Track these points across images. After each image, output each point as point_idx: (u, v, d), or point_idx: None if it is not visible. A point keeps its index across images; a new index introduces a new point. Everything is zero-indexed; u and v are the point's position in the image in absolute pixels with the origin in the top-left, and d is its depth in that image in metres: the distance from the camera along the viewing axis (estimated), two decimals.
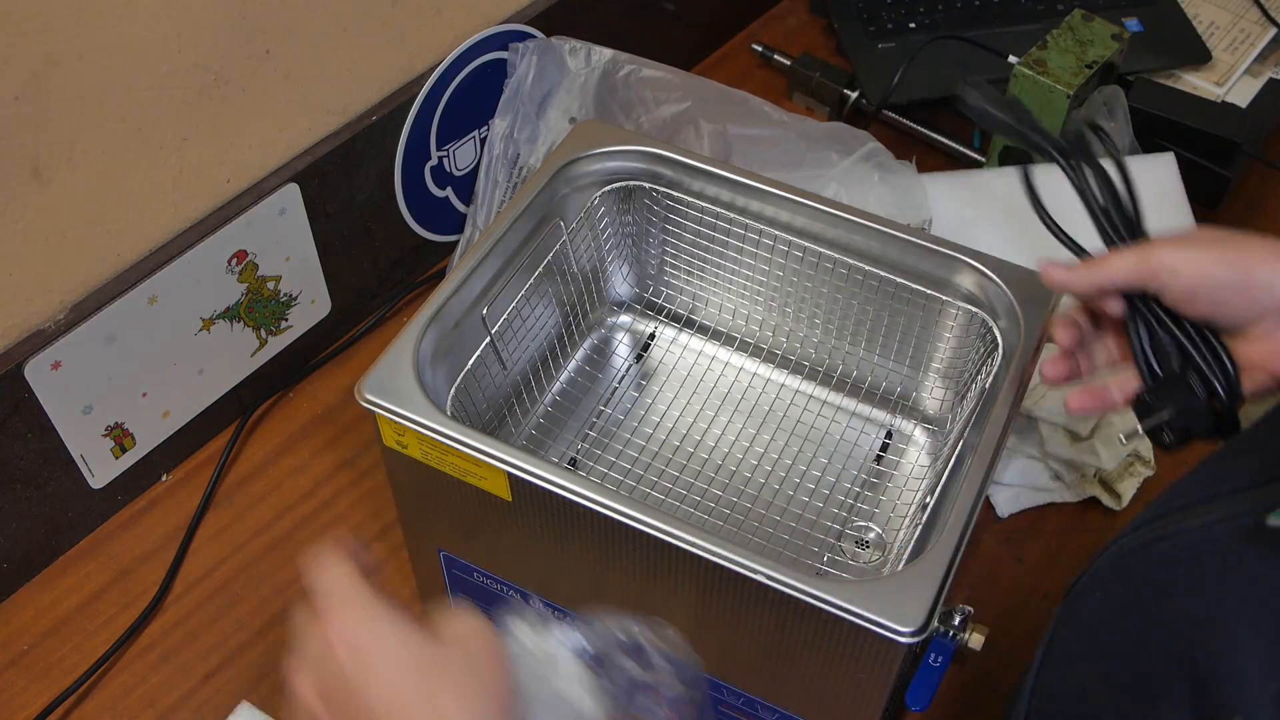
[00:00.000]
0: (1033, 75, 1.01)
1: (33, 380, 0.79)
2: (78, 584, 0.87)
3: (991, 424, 0.71)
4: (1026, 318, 0.74)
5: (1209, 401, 0.63)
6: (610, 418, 0.88)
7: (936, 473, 0.83)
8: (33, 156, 0.73)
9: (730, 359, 0.92)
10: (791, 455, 0.87)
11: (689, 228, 0.86)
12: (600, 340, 0.93)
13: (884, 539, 0.83)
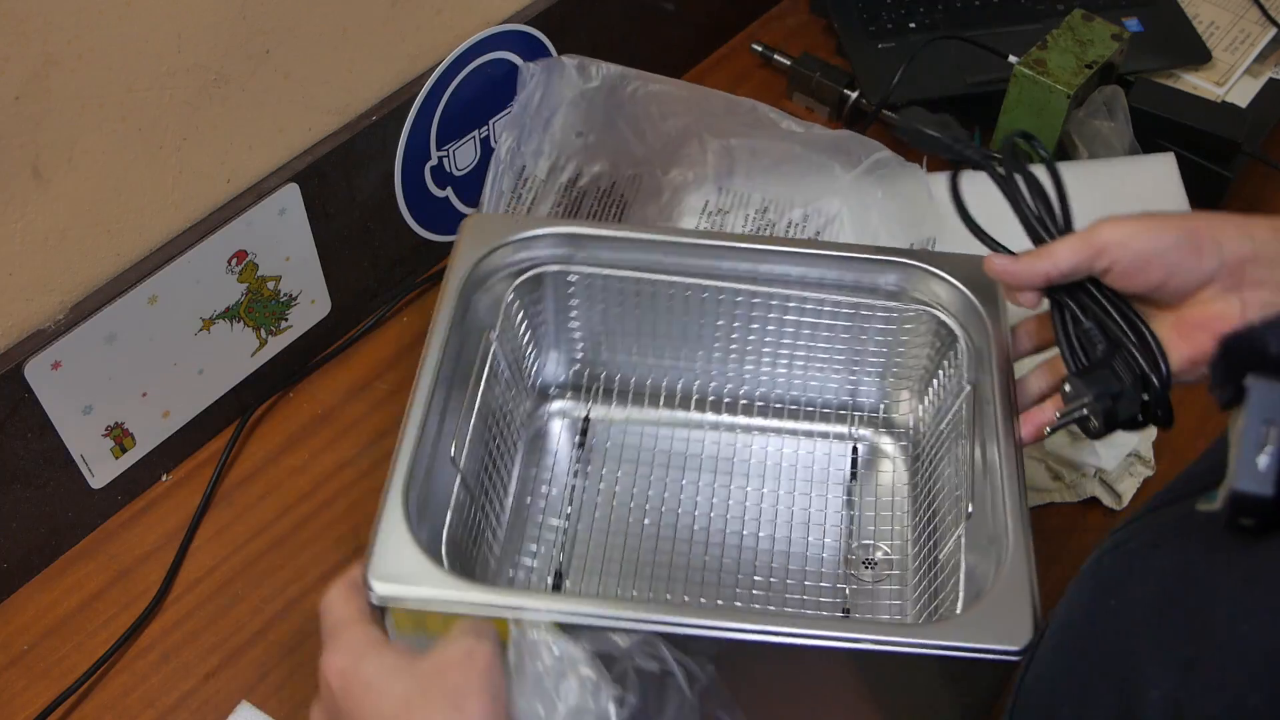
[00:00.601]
0: (1033, 75, 1.01)
1: (33, 380, 0.79)
2: (78, 584, 0.87)
3: (1000, 419, 0.70)
4: (983, 302, 0.74)
5: (1136, 387, 0.64)
6: (577, 514, 0.86)
7: (921, 476, 0.83)
8: (33, 156, 0.73)
9: (676, 417, 0.90)
10: (767, 497, 0.86)
11: (605, 298, 0.84)
12: (538, 434, 0.90)
13: (890, 554, 0.83)
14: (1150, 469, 0.93)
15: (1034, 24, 1.17)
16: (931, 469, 0.81)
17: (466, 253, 0.79)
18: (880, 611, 0.81)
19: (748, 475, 0.87)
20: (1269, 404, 0.45)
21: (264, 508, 0.92)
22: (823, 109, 1.19)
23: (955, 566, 0.71)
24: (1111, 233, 0.62)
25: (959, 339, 0.77)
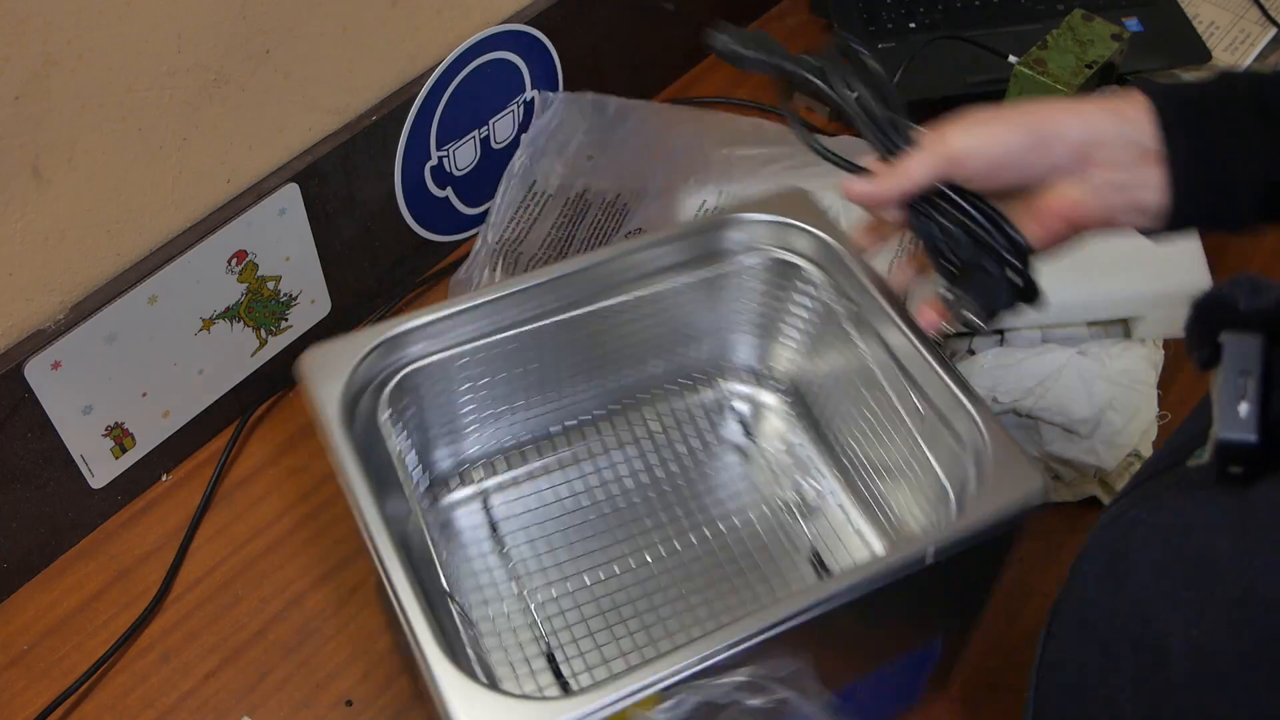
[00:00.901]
0: (1033, 75, 1.01)
1: (33, 380, 0.79)
2: (78, 584, 0.87)
3: (895, 317, 0.72)
4: (829, 232, 0.76)
5: (1004, 273, 0.66)
6: (522, 587, 0.83)
7: (823, 414, 0.84)
8: (33, 156, 0.73)
9: (576, 453, 0.88)
10: (693, 497, 0.86)
11: (459, 375, 0.81)
12: (446, 526, 0.86)
13: (821, 491, 0.84)
14: None
15: (1034, 24, 1.17)
16: (830, 404, 0.83)
17: (325, 393, 0.72)
18: (849, 542, 0.83)
19: (667, 480, 0.87)
20: (1243, 356, 0.48)
21: (264, 508, 0.92)
22: (823, 109, 1.19)
23: (919, 472, 0.74)
24: (962, 142, 0.64)
25: (804, 270, 0.78)
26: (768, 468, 0.88)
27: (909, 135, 0.68)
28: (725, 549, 0.83)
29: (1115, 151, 0.61)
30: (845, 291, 0.78)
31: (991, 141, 0.63)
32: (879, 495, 0.82)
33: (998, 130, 0.63)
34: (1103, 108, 0.61)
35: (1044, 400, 0.91)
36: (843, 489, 0.85)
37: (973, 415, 0.71)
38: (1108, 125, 0.61)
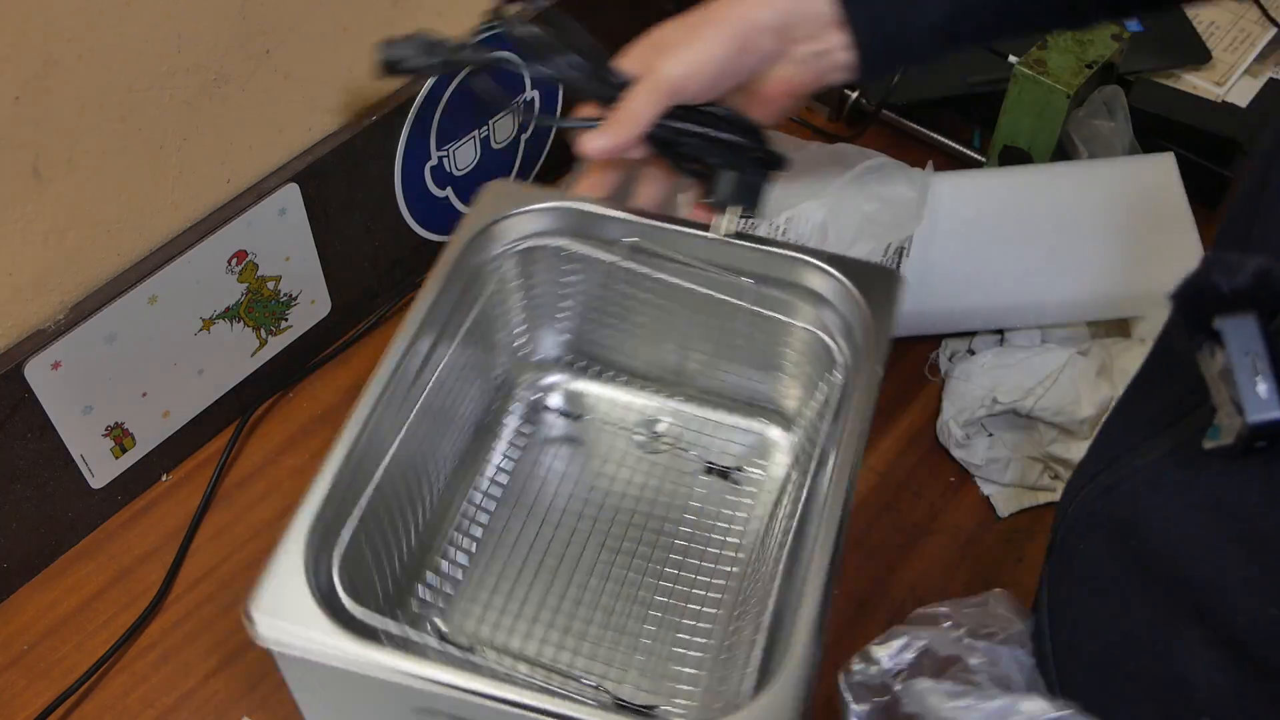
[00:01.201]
0: (1033, 75, 1.01)
1: (33, 380, 0.79)
2: (78, 584, 0.87)
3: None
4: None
5: (750, 155, 0.73)
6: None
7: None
8: (33, 156, 0.73)
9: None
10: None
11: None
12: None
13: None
14: None
15: None
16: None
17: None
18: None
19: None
20: (1244, 336, 0.49)
21: (264, 508, 0.92)
22: (823, 109, 1.19)
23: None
24: (677, 70, 0.68)
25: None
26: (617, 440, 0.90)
27: (619, 75, 0.71)
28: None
29: (806, 26, 0.68)
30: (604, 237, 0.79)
31: (704, 61, 0.68)
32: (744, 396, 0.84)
33: (705, 48, 0.67)
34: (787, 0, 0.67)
35: (1044, 400, 0.91)
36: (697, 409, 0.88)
37: (820, 267, 0.74)
38: (794, 6, 0.67)
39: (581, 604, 0.82)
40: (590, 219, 0.80)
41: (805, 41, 0.69)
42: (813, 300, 0.79)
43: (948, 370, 0.98)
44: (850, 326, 0.77)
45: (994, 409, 0.93)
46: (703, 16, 0.68)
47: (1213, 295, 0.50)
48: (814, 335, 0.79)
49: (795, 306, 0.79)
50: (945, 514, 0.92)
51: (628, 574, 0.84)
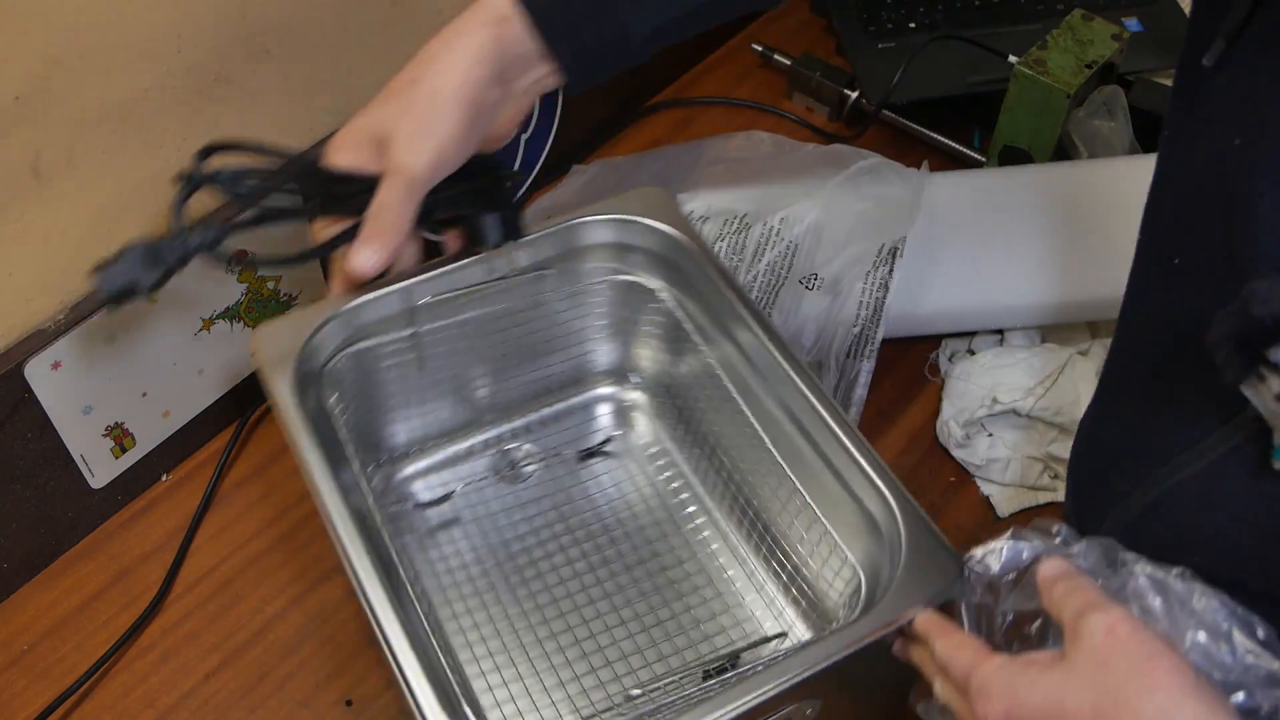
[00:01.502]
0: (1033, 75, 1.01)
1: (33, 380, 0.79)
2: (78, 584, 0.87)
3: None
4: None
5: (499, 190, 0.74)
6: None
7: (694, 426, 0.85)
8: (33, 156, 0.73)
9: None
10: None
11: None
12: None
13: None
14: None
15: (1034, 24, 1.17)
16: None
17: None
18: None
19: (692, 560, 0.85)
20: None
21: (264, 508, 0.92)
22: (822, 109, 1.19)
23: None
24: (422, 161, 0.66)
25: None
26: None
27: (349, 176, 0.68)
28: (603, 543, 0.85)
29: (516, 66, 0.68)
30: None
31: (446, 144, 0.66)
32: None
33: (444, 130, 0.66)
34: (490, 39, 0.66)
35: (1044, 400, 0.91)
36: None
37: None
38: (500, 53, 0.66)
39: (580, 631, 0.81)
40: (370, 308, 0.75)
41: (519, 79, 0.69)
42: (611, 254, 0.80)
43: (948, 370, 0.98)
44: (660, 256, 0.78)
45: (994, 409, 0.93)
46: (423, 93, 0.66)
47: (1263, 331, 0.48)
48: (628, 281, 0.80)
49: (596, 269, 0.80)
50: (945, 514, 0.92)
51: (603, 586, 0.83)
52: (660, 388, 0.90)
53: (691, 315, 0.81)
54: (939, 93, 1.13)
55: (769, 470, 0.79)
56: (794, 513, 0.78)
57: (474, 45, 0.66)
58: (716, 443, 0.85)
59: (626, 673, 0.79)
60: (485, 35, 0.66)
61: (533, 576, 0.83)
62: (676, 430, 0.90)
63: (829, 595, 0.76)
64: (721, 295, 0.78)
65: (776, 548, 0.82)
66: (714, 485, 0.87)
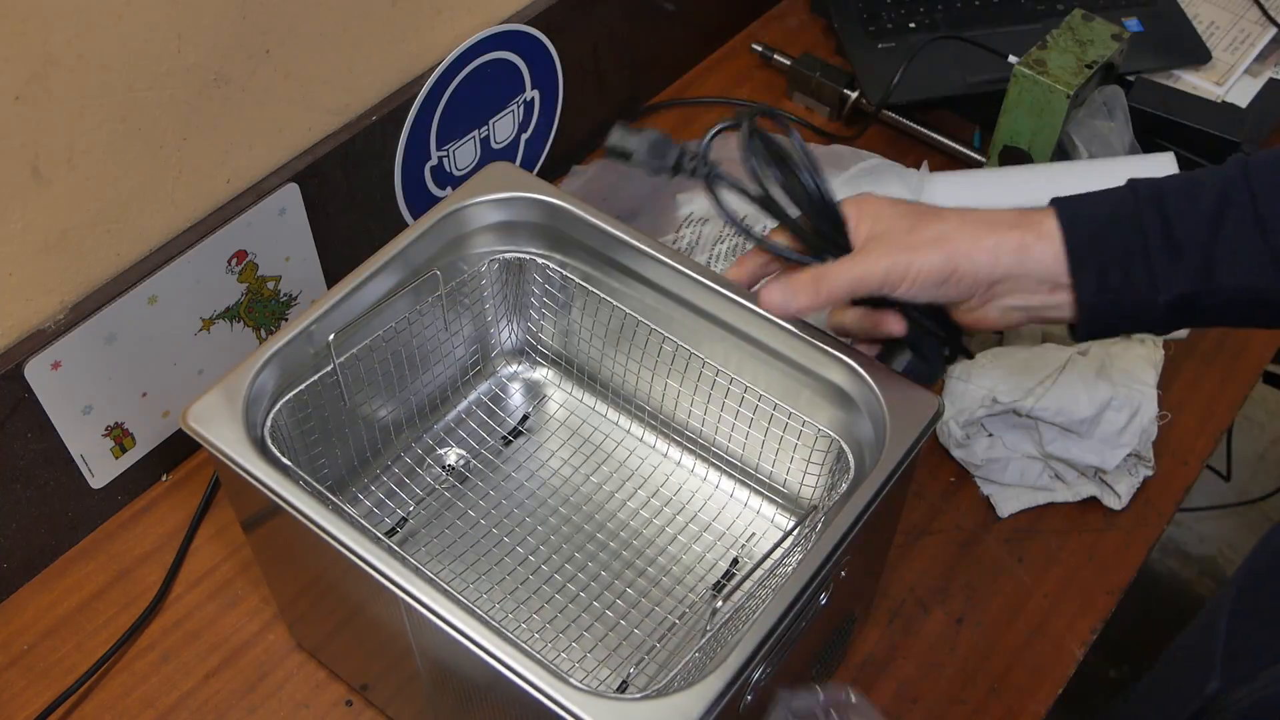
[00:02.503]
0: (1033, 75, 1.01)
1: (33, 380, 0.79)
2: (78, 584, 0.87)
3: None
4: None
5: (932, 338, 0.73)
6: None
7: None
8: (33, 156, 0.73)
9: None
10: (662, 522, 0.86)
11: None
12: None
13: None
14: (1150, 469, 0.93)
15: (1034, 24, 1.17)
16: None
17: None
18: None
19: (656, 505, 0.87)
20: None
21: None
22: (822, 109, 1.19)
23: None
24: (880, 270, 0.66)
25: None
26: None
27: (837, 233, 0.69)
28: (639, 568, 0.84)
29: (1022, 283, 0.65)
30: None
31: (903, 282, 0.66)
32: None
33: (912, 274, 0.65)
34: (1013, 245, 0.65)
35: (1044, 400, 0.91)
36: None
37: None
38: (1015, 263, 0.65)
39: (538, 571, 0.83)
40: (284, 357, 0.74)
41: (1016, 295, 0.66)
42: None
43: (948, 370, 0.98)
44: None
45: (994, 409, 0.92)
46: (933, 234, 0.66)
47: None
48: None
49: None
50: (945, 514, 0.92)
51: (585, 551, 0.84)
52: (561, 353, 0.91)
53: (579, 270, 0.83)
54: (939, 93, 1.13)
55: (708, 387, 0.82)
56: (749, 416, 0.81)
57: (996, 239, 0.65)
58: (635, 387, 0.88)
59: (639, 621, 0.81)
60: (1012, 240, 0.65)
61: (513, 567, 0.83)
62: (593, 388, 0.91)
63: (808, 479, 0.82)
64: (606, 238, 0.79)
65: (735, 459, 0.86)
66: (648, 425, 0.90)
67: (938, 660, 0.85)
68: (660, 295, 0.80)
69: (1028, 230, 0.65)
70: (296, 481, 0.67)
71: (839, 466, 0.76)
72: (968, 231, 0.66)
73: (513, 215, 0.82)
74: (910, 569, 0.89)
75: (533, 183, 0.81)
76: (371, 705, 0.81)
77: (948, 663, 0.85)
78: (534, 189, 0.81)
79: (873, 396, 0.71)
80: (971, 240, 0.65)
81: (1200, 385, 1.00)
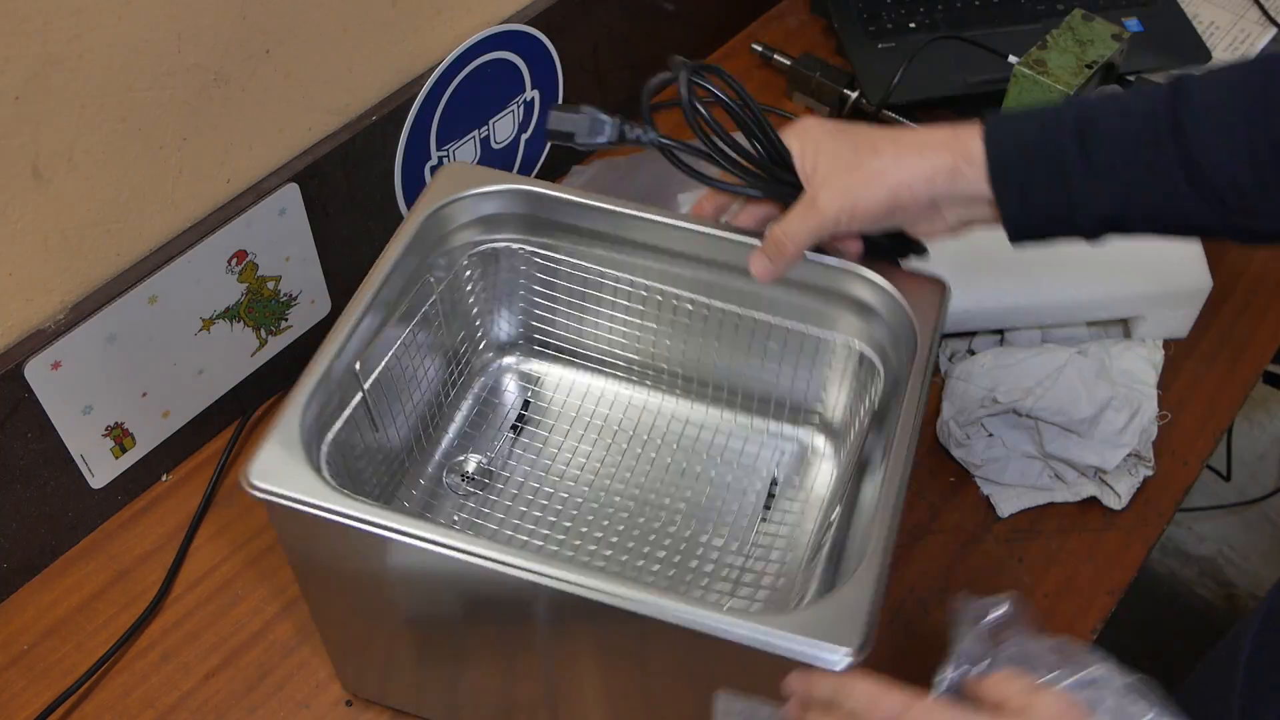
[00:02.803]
0: (1033, 75, 1.01)
1: (33, 380, 0.79)
2: (78, 584, 0.87)
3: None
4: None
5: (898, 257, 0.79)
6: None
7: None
8: (33, 156, 0.73)
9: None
10: (699, 477, 0.87)
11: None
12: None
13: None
14: (1150, 468, 0.93)
15: (1034, 24, 1.17)
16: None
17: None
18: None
19: (684, 453, 0.89)
20: None
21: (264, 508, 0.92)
22: (822, 109, 1.19)
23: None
24: (831, 216, 0.71)
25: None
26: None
27: (786, 170, 0.73)
28: (684, 527, 0.85)
29: (959, 200, 0.70)
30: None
31: (857, 214, 0.71)
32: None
33: (863, 206, 0.70)
34: (946, 168, 0.69)
35: (1044, 400, 0.91)
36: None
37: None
38: (949, 185, 0.69)
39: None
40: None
41: (954, 209, 0.71)
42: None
43: (948, 370, 0.98)
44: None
45: (994, 409, 0.93)
46: (874, 167, 0.70)
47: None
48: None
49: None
50: (945, 514, 0.92)
51: (634, 506, 0.85)
52: (560, 338, 0.91)
53: (556, 248, 0.83)
54: (939, 93, 1.13)
55: (717, 332, 0.84)
56: (762, 347, 0.84)
57: (931, 165, 0.69)
58: (624, 348, 0.89)
59: (713, 561, 0.83)
60: (944, 163, 0.69)
61: (572, 552, 0.84)
62: (585, 360, 0.91)
63: (829, 397, 0.86)
64: (584, 211, 0.80)
65: (753, 395, 0.88)
66: (649, 383, 0.91)
67: (938, 660, 0.85)
68: (638, 250, 0.81)
69: (957, 153, 0.69)
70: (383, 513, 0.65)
71: (861, 369, 0.81)
72: (904, 161, 0.70)
73: (488, 209, 0.82)
74: (910, 569, 0.89)
75: (492, 175, 0.81)
76: (372, 705, 0.81)
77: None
78: (497, 181, 0.81)
79: (884, 294, 0.76)
80: (909, 170, 0.69)
81: (1200, 385, 1.00)
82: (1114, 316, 0.99)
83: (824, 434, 0.89)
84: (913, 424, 0.69)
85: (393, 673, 0.78)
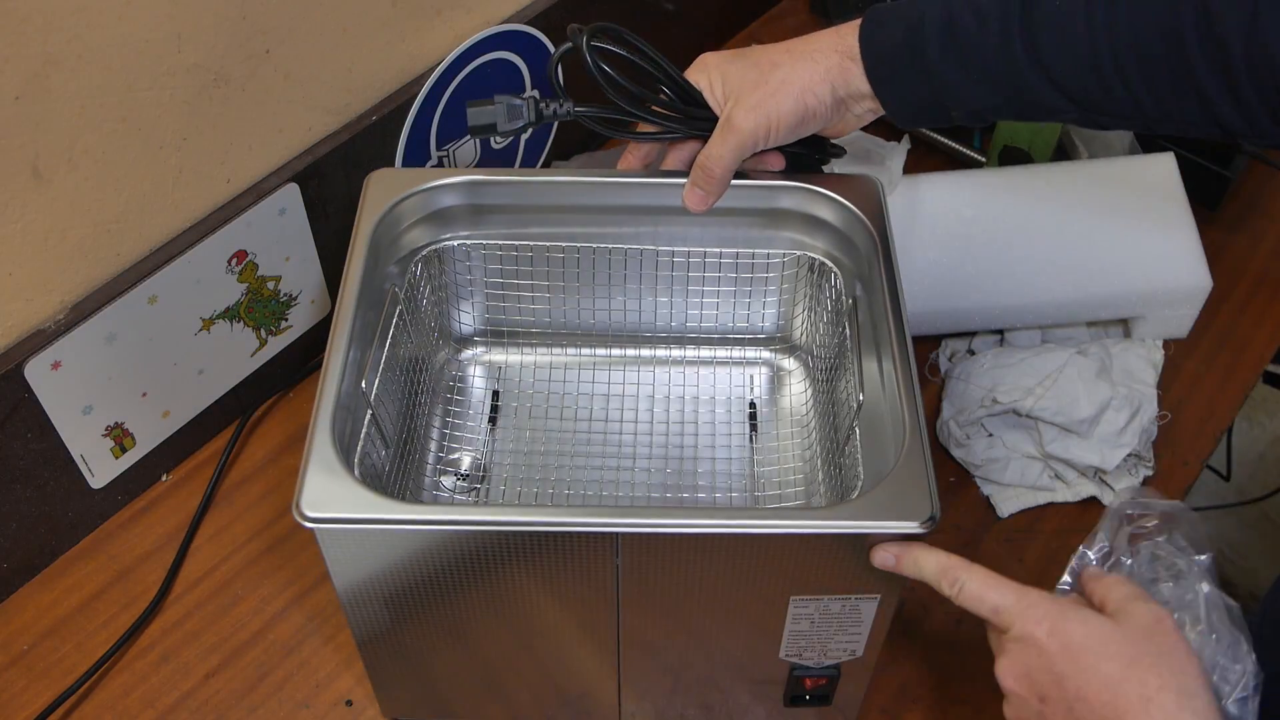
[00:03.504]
0: None
1: (33, 380, 0.79)
2: (78, 584, 0.87)
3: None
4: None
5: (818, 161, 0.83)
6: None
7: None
8: (33, 156, 0.73)
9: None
10: (685, 426, 0.88)
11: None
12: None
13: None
14: (1150, 468, 0.93)
15: None
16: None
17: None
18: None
19: (661, 403, 0.90)
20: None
21: (264, 508, 0.92)
22: None
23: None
24: (749, 128, 0.74)
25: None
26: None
27: (699, 106, 0.76)
28: (686, 474, 0.86)
29: (855, 95, 0.75)
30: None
31: (773, 126, 0.74)
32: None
33: (776, 117, 0.74)
34: (837, 70, 0.74)
35: (1044, 400, 0.91)
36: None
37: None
38: (843, 84, 0.74)
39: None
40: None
41: (855, 104, 0.75)
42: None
43: (948, 370, 0.98)
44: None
45: (994, 409, 0.93)
46: (777, 79, 0.74)
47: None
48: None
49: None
50: (945, 514, 0.92)
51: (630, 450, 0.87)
52: (518, 322, 0.91)
53: (503, 235, 0.83)
54: None
55: (669, 277, 0.86)
56: (715, 282, 0.86)
57: (824, 67, 0.74)
58: (580, 317, 0.90)
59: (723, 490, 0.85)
60: (834, 63, 0.74)
61: (583, 502, 0.85)
62: (541, 337, 0.92)
63: (789, 312, 0.89)
64: (519, 189, 0.81)
65: (714, 331, 0.90)
66: (623, 342, 0.91)
67: (939, 660, 0.85)
68: (578, 215, 0.83)
69: (842, 51, 0.74)
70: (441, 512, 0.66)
71: (815, 275, 0.84)
72: (800, 66, 0.74)
73: (428, 208, 0.82)
74: None
75: (420, 174, 0.81)
76: (372, 705, 0.81)
77: (949, 663, 0.85)
78: (426, 179, 0.80)
79: (823, 198, 0.79)
80: (807, 74, 0.74)
81: (1200, 385, 1.00)
82: (1114, 316, 0.99)
83: (788, 352, 0.91)
84: (900, 306, 0.73)
85: (444, 688, 0.78)
